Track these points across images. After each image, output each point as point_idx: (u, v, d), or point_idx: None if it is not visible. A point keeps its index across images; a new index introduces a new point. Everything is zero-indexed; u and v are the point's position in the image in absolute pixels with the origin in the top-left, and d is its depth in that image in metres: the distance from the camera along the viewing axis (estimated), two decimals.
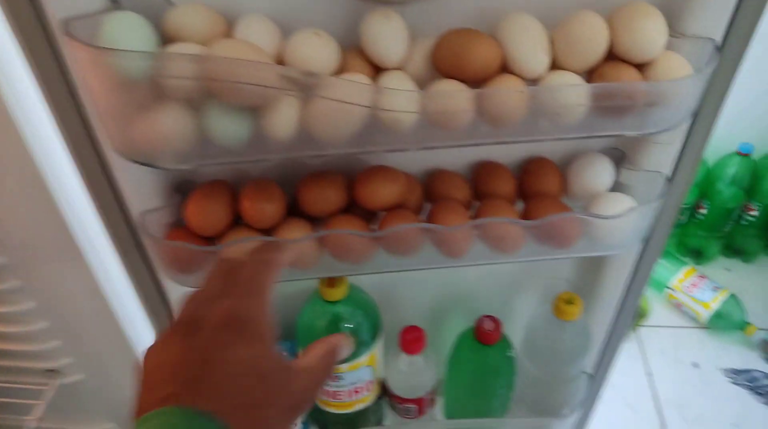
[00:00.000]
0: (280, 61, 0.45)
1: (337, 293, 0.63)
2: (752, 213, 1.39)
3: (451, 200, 0.58)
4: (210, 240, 0.56)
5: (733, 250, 1.48)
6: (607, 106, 0.43)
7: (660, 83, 0.42)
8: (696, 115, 0.48)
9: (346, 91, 0.42)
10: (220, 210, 0.53)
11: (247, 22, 0.45)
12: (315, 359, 0.36)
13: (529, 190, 0.59)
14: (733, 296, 1.31)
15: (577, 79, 0.44)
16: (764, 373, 1.24)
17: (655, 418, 1.21)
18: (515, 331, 0.73)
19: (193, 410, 0.28)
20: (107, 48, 0.38)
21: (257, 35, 0.45)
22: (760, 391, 1.22)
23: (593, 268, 0.70)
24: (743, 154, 1.31)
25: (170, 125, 0.42)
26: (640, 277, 0.63)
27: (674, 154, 0.53)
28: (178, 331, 0.32)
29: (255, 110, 0.44)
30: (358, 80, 0.44)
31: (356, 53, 0.47)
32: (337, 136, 0.45)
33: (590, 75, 0.46)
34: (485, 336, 0.67)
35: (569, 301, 0.64)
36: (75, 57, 0.41)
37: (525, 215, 0.56)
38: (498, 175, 0.59)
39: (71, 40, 0.39)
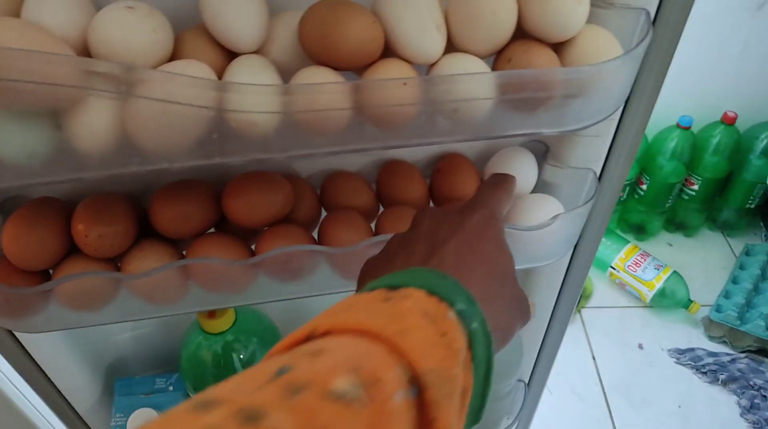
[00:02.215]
0: (86, 46, 0.34)
1: (221, 324, 0.52)
2: (693, 187, 1.35)
3: (349, 210, 0.48)
4: (43, 273, 0.44)
5: (675, 224, 1.45)
6: (517, 99, 0.33)
7: (581, 69, 0.33)
8: (627, 104, 0.39)
9: (176, 88, 0.31)
10: (45, 237, 0.42)
11: None
12: None
13: (443, 194, 0.49)
14: (675, 273, 1.27)
15: (480, 65, 0.34)
16: (707, 351, 1.21)
17: (602, 403, 1.17)
18: None
19: (441, 272, 0.27)
20: None
21: (53, 10, 0.33)
22: (703, 370, 1.19)
23: (520, 274, 0.62)
24: (683, 128, 1.25)
25: None
26: (571, 284, 0.55)
27: (605, 147, 0.45)
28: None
29: (53, 115, 0.32)
30: (193, 71, 0.33)
31: (198, 34, 0.36)
32: (170, 145, 0.34)
33: (497, 58, 0.36)
34: None
35: None
36: None
37: None
38: (406, 178, 0.50)
39: None
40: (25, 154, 0.32)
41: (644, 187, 1.35)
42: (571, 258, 0.54)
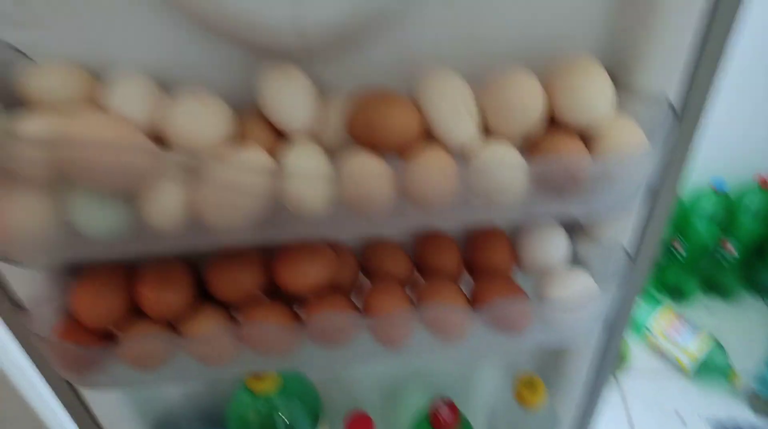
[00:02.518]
0: (159, 130, 0.38)
1: (267, 386, 0.55)
2: (730, 250, 1.33)
3: (388, 280, 0.50)
4: (107, 333, 0.48)
5: (713, 287, 1.42)
6: (547, 185, 0.36)
7: (607, 160, 0.35)
8: (653, 189, 0.42)
9: (238, 176, 0.35)
10: (113, 298, 0.46)
11: (119, 84, 0.38)
12: None
13: (477, 264, 0.52)
14: (716, 342, 1.24)
15: (512, 150, 0.37)
16: (752, 424, 1.17)
17: None
18: (475, 412, 0.65)
19: None
20: None
21: (130, 100, 0.38)
22: None
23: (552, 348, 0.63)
24: (718, 191, 1.25)
25: (23, 215, 0.35)
26: (604, 360, 0.55)
27: (634, 223, 0.47)
28: None
29: (130, 196, 0.36)
30: (253, 155, 0.37)
31: (255, 116, 0.40)
32: (233, 223, 0.37)
33: (528, 143, 0.39)
34: (442, 425, 0.59)
35: (531, 387, 0.57)
36: None
37: (472, 296, 0.49)
38: (442, 248, 0.52)
39: None
40: (107, 230, 0.36)
41: (680, 248, 1.34)
42: (604, 331, 0.55)
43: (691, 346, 1.24)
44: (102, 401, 0.57)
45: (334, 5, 0.36)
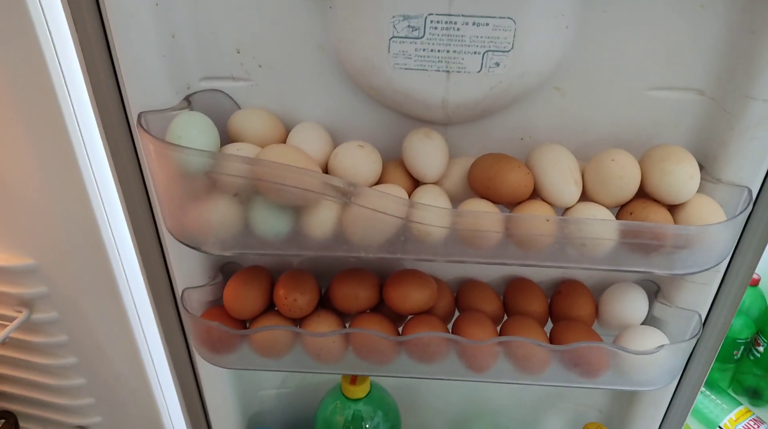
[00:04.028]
0: (327, 167, 0.49)
1: (360, 391, 0.63)
2: None
3: (479, 312, 0.58)
4: (243, 323, 0.58)
5: None
6: (634, 244, 0.43)
7: (689, 228, 0.42)
8: (731, 260, 0.48)
9: (381, 202, 0.45)
10: (255, 295, 0.56)
11: (301, 128, 0.50)
12: None
13: (560, 313, 0.58)
14: None
15: (607, 214, 0.45)
16: None
17: None
18: None
19: None
20: (170, 143, 0.43)
21: (308, 141, 0.49)
22: None
23: (626, 401, 0.67)
24: None
25: (218, 215, 0.46)
26: (673, 418, 0.60)
27: (711, 293, 0.53)
28: None
29: (296, 209, 0.47)
30: (394, 192, 0.47)
31: (398, 165, 0.51)
32: (369, 241, 0.47)
33: (621, 210, 0.47)
34: None
35: None
36: (144, 147, 0.46)
37: (553, 338, 0.55)
38: (530, 294, 0.59)
39: (141, 131, 0.44)
40: (275, 233, 0.47)
41: (761, 348, 1.31)
42: (673, 396, 0.59)
43: None
44: (213, 389, 0.67)
45: (474, 93, 0.46)
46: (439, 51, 0.45)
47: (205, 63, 0.49)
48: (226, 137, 0.50)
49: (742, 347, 1.34)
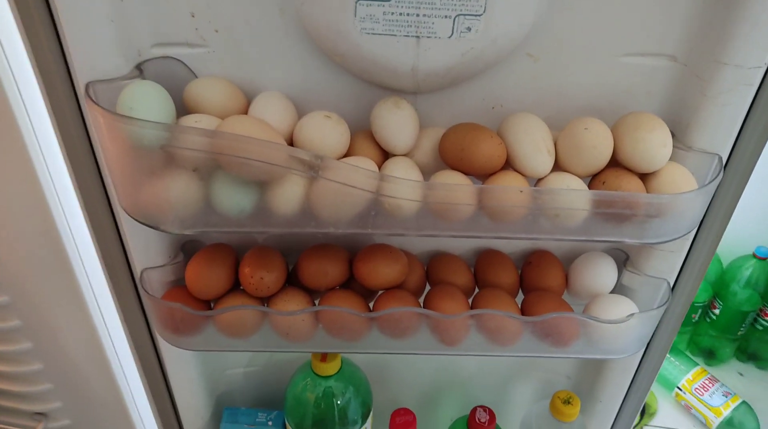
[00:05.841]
0: (292, 139, 0.47)
1: (330, 368, 0.62)
2: (767, 318, 1.34)
3: (451, 286, 0.57)
4: (207, 303, 0.56)
5: (747, 354, 1.43)
6: (607, 213, 0.43)
7: (661, 196, 0.42)
8: (699, 228, 0.48)
9: (350, 175, 0.43)
10: (219, 274, 0.54)
11: (263, 98, 0.47)
12: None
13: (531, 283, 0.58)
14: (745, 404, 1.25)
15: (580, 183, 0.44)
16: None
17: None
18: (510, 424, 0.70)
19: None
20: (121, 115, 0.40)
21: (272, 112, 0.47)
22: None
23: (594, 368, 0.68)
24: (759, 258, 1.28)
25: (176, 192, 0.43)
26: (641, 382, 0.61)
27: (679, 261, 0.53)
28: None
29: (261, 184, 0.45)
30: (363, 165, 0.45)
31: (366, 137, 0.49)
32: (338, 216, 0.45)
33: (593, 179, 0.46)
34: (478, 428, 0.64)
35: (568, 401, 0.62)
36: (93, 119, 0.42)
37: (524, 309, 0.55)
38: (500, 266, 0.59)
39: (90, 103, 0.40)
40: (239, 210, 0.44)
41: (717, 311, 1.36)
42: (640, 362, 0.60)
43: (720, 407, 1.25)
44: (178, 370, 0.65)
45: (445, 59, 0.44)
46: (408, 15, 0.43)
47: (157, 28, 0.46)
48: (182, 108, 0.47)
49: (700, 310, 1.39)
